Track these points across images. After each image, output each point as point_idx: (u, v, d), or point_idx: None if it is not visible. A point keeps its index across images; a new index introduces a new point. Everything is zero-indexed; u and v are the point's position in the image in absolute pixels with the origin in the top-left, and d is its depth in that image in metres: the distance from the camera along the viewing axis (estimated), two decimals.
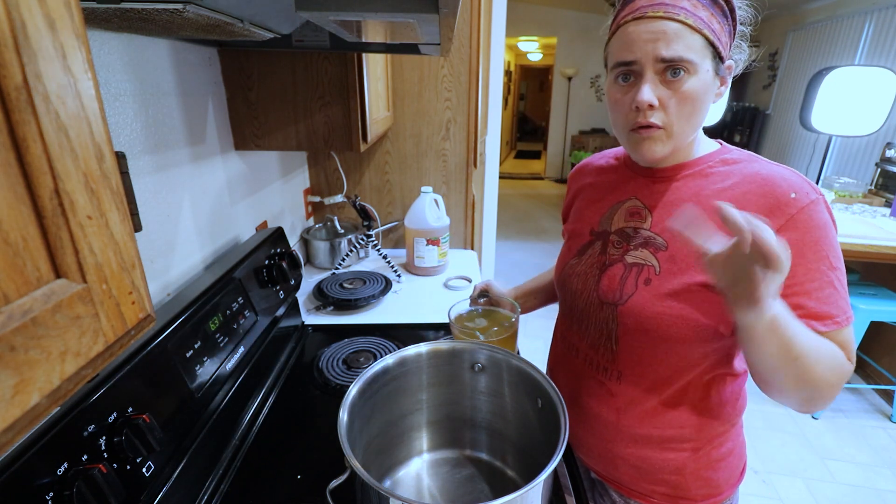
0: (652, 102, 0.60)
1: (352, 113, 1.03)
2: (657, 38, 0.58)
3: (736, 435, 0.76)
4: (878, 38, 3.56)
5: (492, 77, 2.39)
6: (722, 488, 0.75)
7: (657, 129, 0.63)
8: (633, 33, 0.60)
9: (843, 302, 0.61)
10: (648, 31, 0.59)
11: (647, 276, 0.68)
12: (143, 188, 0.78)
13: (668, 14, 0.58)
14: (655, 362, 0.69)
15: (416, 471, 0.76)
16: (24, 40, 0.19)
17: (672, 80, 0.60)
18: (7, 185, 0.19)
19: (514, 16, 3.67)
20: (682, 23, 0.58)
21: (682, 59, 0.58)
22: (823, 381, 0.58)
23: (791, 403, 0.63)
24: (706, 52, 0.60)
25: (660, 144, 0.64)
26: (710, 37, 0.59)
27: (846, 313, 0.61)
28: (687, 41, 0.58)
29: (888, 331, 2.40)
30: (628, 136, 0.66)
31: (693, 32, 0.58)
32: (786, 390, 0.60)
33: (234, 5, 0.54)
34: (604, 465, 0.79)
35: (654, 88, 0.60)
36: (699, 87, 0.60)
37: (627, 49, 0.61)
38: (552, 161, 7.79)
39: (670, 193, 0.70)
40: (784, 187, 0.62)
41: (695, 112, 0.62)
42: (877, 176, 2.96)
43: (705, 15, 0.59)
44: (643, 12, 0.59)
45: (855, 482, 1.92)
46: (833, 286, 0.60)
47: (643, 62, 0.60)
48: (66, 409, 0.50)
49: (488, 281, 0.98)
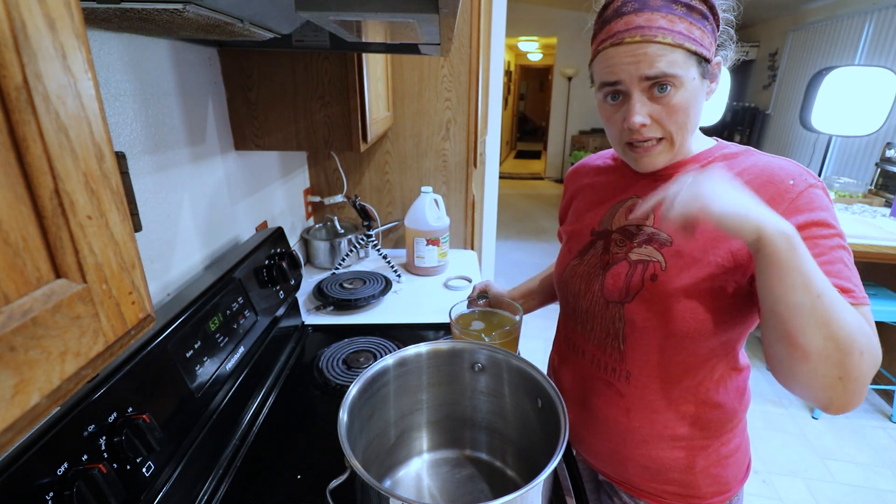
0: (644, 122, 0.62)
1: (352, 113, 1.03)
2: (638, 59, 0.59)
3: (742, 431, 0.76)
4: (878, 38, 3.56)
5: (492, 77, 2.39)
6: (731, 485, 0.75)
7: (657, 143, 0.64)
8: (615, 57, 0.61)
9: (857, 280, 0.58)
10: (628, 55, 0.59)
11: (652, 272, 0.68)
12: (143, 188, 0.78)
13: (646, 37, 0.58)
14: (664, 360, 0.69)
15: (416, 471, 0.76)
16: (24, 40, 0.19)
17: (660, 96, 0.61)
18: (7, 185, 0.19)
19: (514, 16, 3.67)
20: (660, 43, 0.58)
21: (667, 76, 0.59)
22: (854, 342, 0.50)
23: (817, 386, 0.53)
24: (690, 62, 0.60)
25: (661, 156, 0.66)
26: (691, 48, 0.59)
27: (862, 292, 0.57)
28: (668, 58, 0.59)
29: (888, 331, 2.40)
30: (625, 149, 0.68)
31: (673, 49, 0.59)
32: (812, 349, 0.51)
33: (234, 5, 0.54)
34: (613, 466, 0.78)
35: (643, 106, 0.62)
36: (688, 97, 0.61)
37: (611, 72, 0.62)
38: (552, 161, 7.79)
39: None
40: (782, 175, 0.62)
41: (689, 118, 0.63)
42: (877, 176, 2.96)
43: (683, 27, 0.59)
44: (620, 38, 0.60)
45: (855, 482, 1.92)
46: (844, 262, 0.58)
47: (628, 83, 0.61)
48: (66, 409, 0.50)
49: (487, 281, 0.99)
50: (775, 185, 0.62)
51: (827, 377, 0.52)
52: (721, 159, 0.69)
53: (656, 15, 0.59)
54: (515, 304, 0.91)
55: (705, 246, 0.65)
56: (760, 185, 0.63)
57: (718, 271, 0.64)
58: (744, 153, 0.68)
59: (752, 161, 0.66)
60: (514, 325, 0.87)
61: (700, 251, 0.65)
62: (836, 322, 0.51)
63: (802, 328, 0.52)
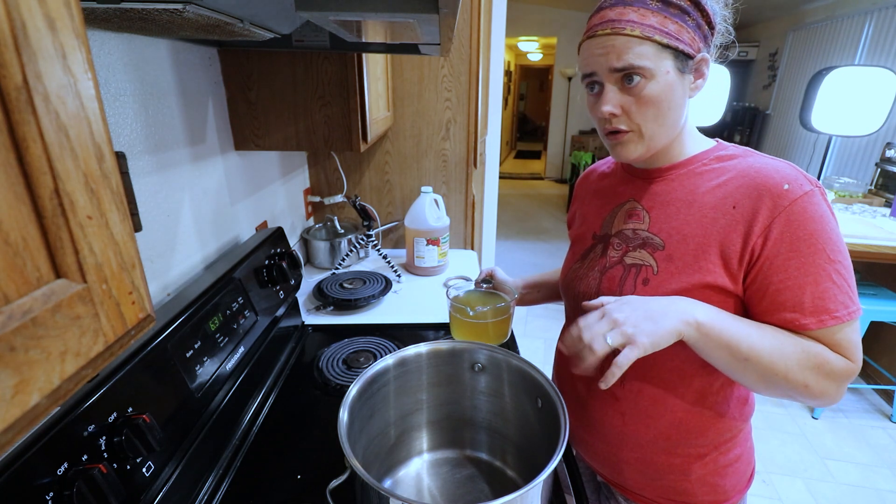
0: (612, 112, 0.64)
1: (352, 113, 1.03)
2: (607, 51, 0.62)
3: (744, 440, 0.75)
4: (878, 38, 3.56)
5: (492, 77, 2.39)
6: (729, 494, 0.74)
7: (626, 133, 0.66)
8: (588, 50, 0.64)
9: (843, 296, 0.59)
10: (599, 46, 0.62)
11: (645, 276, 0.68)
12: (143, 188, 0.78)
13: (615, 30, 0.61)
14: (658, 366, 0.69)
15: (416, 471, 0.76)
16: (25, 40, 0.19)
17: (630, 87, 0.62)
18: (7, 185, 0.19)
19: (514, 16, 3.67)
20: (628, 35, 0.60)
21: (633, 66, 0.61)
22: (798, 381, 0.59)
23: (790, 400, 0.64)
24: (663, 56, 0.61)
25: (631, 146, 0.67)
26: (662, 41, 0.60)
27: (847, 308, 0.59)
28: (636, 50, 0.60)
29: (888, 331, 2.40)
30: (605, 140, 0.69)
31: (641, 42, 0.60)
32: (761, 391, 0.64)
33: (234, 5, 0.54)
34: (609, 469, 0.78)
35: (614, 97, 0.64)
36: (659, 89, 0.62)
37: (586, 63, 0.65)
38: (552, 161, 7.79)
39: (666, 193, 0.70)
40: (777, 179, 0.61)
41: (661, 113, 0.64)
42: (877, 176, 2.96)
43: (656, 21, 0.60)
44: (594, 31, 0.63)
45: (855, 482, 1.92)
46: (831, 279, 0.59)
47: (600, 73, 0.64)
48: (66, 409, 0.50)
49: (493, 268, 1.01)
50: (768, 188, 0.61)
51: (791, 399, 0.63)
52: (717, 161, 0.68)
53: (628, 9, 0.61)
54: (512, 289, 0.93)
55: (696, 250, 0.65)
56: (753, 187, 0.62)
57: (710, 276, 0.63)
58: (741, 155, 0.68)
59: (748, 163, 0.65)
60: (503, 306, 0.89)
61: (691, 256, 0.65)
62: (775, 374, 0.59)
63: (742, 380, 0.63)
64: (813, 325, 0.59)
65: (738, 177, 0.64)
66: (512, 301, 0.90)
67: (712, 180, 0.67)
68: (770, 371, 0.59)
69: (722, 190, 0.65)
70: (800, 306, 0.59)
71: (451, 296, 0.92)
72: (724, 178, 0.66)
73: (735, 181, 0.64)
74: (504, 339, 0.91)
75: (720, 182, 0.66)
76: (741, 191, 0.63)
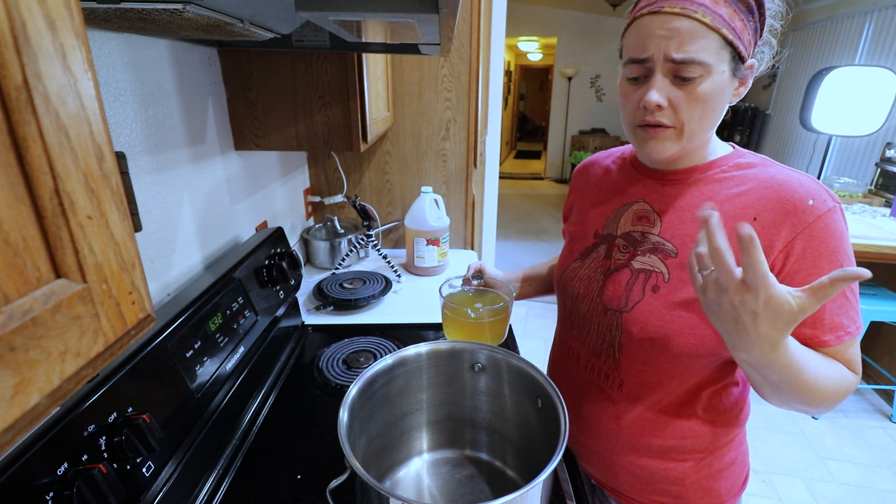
0: (660, 104, 0.58)
1: (352, 113, 1.03)
2: (671, 35, 0.55)
3: (739, 444, 0.74)
4: (878, 38, 3.56)
5: (492, 77, 2.39)
6: (724, 498, 0.73)
7: (666, 129, 0.61)
8: (647, 28, 0.57)
9: (853, 313, 0.60)
10: (663, 28, 0.56)
11: (654, 283, 0.66)
12: (143, 188, 0.78)
13: (686, 11, 0.55)
14: (658, 371, 0.68)
15: (416, 471, 0.76)
16: (25, 40, 0.19)
17: (684, 82, 0.57)
18: (7, 185, 0.19)
19: (514, 16, 3.67)
20: (698, 21, 0.54)
21: (694, 61, 0.55)
22: (828, 399, 0.57)
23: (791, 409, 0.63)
24: (723, 53, 0.57)
25: (668, 143, 0.61)
26: (728, 36, 0.55)
27: (856, 324, 0.60)
28: (701, 42, 0.55)
29: (888, 331, 2.40)
30: (635, 131, 0.64)
31: (709, 31, 0.55)
32: (787, 406, 0.61)
33: (234, 5, 0.54)
34: (603, 472, 0.78)
35: (664, 88, 0.58)
36: (713, 89, 0.57)
37: (640, 45, 0.59)
38: (552, 161, 7.79)
39: (682, 198, 0.67)
40: (801, 193, 0.59)
41: (707, 114, 0.60)
42: (877, 176, 2.96)
43: (726, 12, 0.55)
44: (660, 6, 0.56)
45: (855, 482, 1.92)
46: (846, 296, 0.59)
47: (654, 60, 0.58)
48: (66, 409, 0.50)
49: (482, 263, 0.96)
50: (793, 203, 0.59)
51: (798, 410, 0.61)
52: (736, 168, 0.65)
53: None
54: (508, 286, 0.90)
55: None
56: (777, 200, 0.60)
57: None
58: (760, 164, 0.65)
59: (769, 173, 0.63)
60: (503, 306, 0.86)
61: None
62: (816, 396, 0.56)
63: (781, 401, 0.60)
64: (833, 342, 0.59)
65: (760, 187, 0.62)
66: (510, 301, 0.88)
67: (731, 188, 0.64)
68: (816, 394, 0.56)
69: (742, 200, 0.62)
70: (820, 323, 0.59)
71: (445, 294, 0.87)
72: (745, 187, 0.63)
73: (756, 192, 0.62)
74: (501, 340, 0.89)
75: (741, 191, 0.63)
76: (763, 202, 0.61)
